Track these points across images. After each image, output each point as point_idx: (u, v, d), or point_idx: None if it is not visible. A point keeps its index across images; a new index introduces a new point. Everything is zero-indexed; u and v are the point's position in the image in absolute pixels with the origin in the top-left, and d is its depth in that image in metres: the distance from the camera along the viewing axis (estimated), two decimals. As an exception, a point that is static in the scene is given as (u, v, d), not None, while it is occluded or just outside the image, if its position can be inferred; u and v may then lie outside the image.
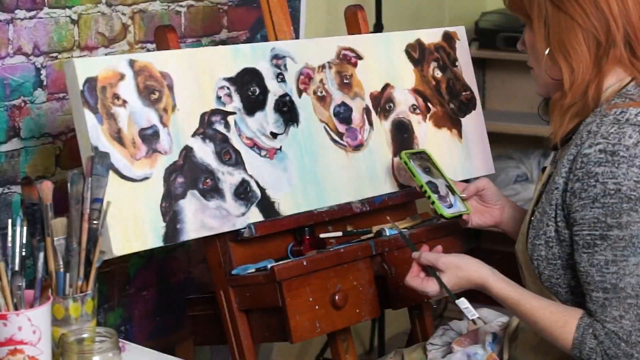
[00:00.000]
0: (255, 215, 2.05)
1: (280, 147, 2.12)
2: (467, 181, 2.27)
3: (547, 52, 1.83)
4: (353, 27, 2.35)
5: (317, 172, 2.15)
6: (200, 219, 1.97)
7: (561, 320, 1.77)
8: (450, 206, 2.06)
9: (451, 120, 2.41)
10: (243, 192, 2.04)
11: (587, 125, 1.79)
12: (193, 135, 2.01)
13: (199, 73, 2.04)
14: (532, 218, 1.87)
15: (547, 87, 1.89)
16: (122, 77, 1.94)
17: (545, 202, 1.83)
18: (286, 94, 2.15)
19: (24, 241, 1.66)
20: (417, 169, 2.11)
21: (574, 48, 1.80)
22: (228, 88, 2.07)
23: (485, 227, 2.13)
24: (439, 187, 2.09)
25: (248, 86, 2.10)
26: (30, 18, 2.16)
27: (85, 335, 1.65)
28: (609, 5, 1.80)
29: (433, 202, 2.05)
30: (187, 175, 1.98)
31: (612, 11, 1.80)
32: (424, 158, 2.16)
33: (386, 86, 2.32)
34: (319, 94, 2.20)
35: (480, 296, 1.97)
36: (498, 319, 2.09)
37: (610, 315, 1.72)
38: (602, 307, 1.72)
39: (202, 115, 2.03)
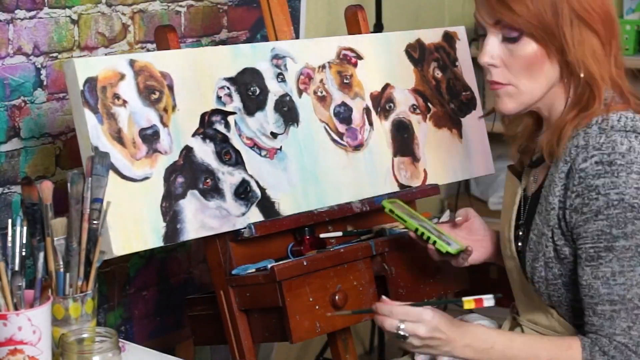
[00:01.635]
0: (255, 215, 2.05)
1: (281, 147, 2.12)
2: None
3: (582, 74, 1.75)
4: (353, 27, 2.35)
5: (317, 172, 2.15)
6: (200, 219, 1.97)
7: (564, 345, 1.73)
8: (449, 244, 1.96)
9: (451, 120, 2.41)
10: (243, 192, 2.04)
11: (571, 140, 1.74)
12: (193, 135, 2.01)
13: (199, 73, 2.04)
14: (529, 239, 1.83)
15: (525, 104, 1.81)
16: (122, 77, 1.94)
17: (541, 224, 1.79)
18: (286, 94, 2.15)
19: (24, 241, 1.66)
20: (404, 214, 2.00)
21: (603, 61, 1.76)
22: (228, 88, 2.07)
23: (480, 262, 2.04)
24: (429, 229, 1.99)
25: (248, 86, 2.10)
26: (30, 18, 2.16)
27: (85, 335, 1.65)
28: (610, 7, 1.78)
29: (435, 242, 1.94)
30: (187, 175, 1.98)
31: (614, 15, 1.79)
32: (401, 205, 2.05)
33: (386, 86, 2.32)
34: (319, 94, 2.20)
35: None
36: (478, 321, 2.07)
37: (619, 328, 1.68)
38: (610, 319, 1.69)
39: (202, 115, 2.03)
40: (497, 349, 1.75)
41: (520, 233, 1.88)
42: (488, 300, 1.70)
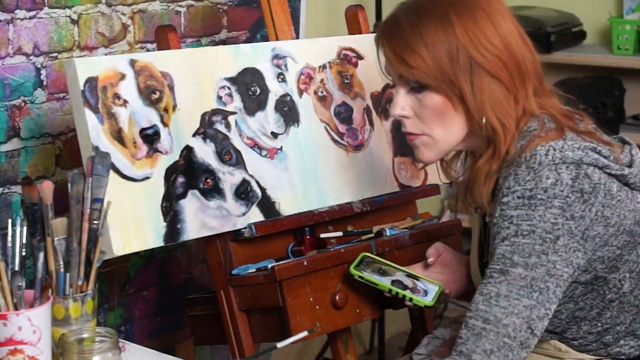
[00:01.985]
0: (255, 215, 2.05)
1: (281, 147, 2.12)
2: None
3: (484, 120, 1.72)
4: (353, 27, 2.35)
5: (318, 172, 2.15)
6: (200, 218, 1.97)
7: None
8: (426, 293, 1.93)
9: (451, 120, 2.40)
10: (244, 192, 2.04)
11: (505, 180, 1.71)
12: (194, 135, 2.01)
13: (200, 73, 2.04)
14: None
15: (443, 151, 1.80)
16: (122, 77, 1.94)
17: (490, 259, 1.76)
18: (287, 94, 2.15)
19: (24, 241, 1.66)
20: (374, 276, 1.94)
21: (504, 107, 1.72)
22: (229, 88, 2.07)
23: (461, 294, 2.00)
24: (403, 280, 1.95)
25: (249, 86, 2.10)
26: (30, 18, 2.16)
27: (85, 335, 1.64)
28: (516, 45, 1.72)
29: (411, 299, 1.91)
30: (188, 175, 1.98)
31: (522, 51, 1.73)
32: (369, 262, 1.98)
33: (387, 86, 2.31)
34: (319, 93, 2.20)
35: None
36: None
37: (481, 347, 1.65)
38: (477, 336, 1.65)
39: (203, 115, 2.03)
40: None
41: (485, 261, 1.86)
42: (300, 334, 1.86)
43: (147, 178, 1.93)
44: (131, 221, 1.88)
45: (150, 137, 1.94)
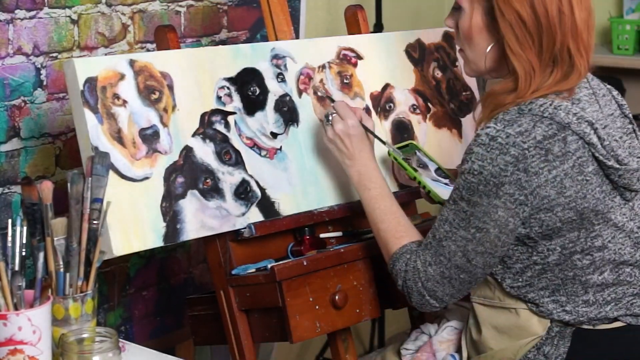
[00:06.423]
0: (255, 215, 2.05)
1: (281, 147, 2.12)
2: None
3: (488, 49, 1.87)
4: (353, 27, 2.35)
5: (317, 172, 2.15)
6: (200, 219, 1.97)
7: (400, 233, 1.94)
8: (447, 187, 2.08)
9: (451, 120, 2.41)
10: (243, 192, 2.04)
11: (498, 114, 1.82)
12: (193, 135, 2.01)
13: (199, 73, 2.04)
14: None
15: (480, 71, 1.92)
16: (122, 77, 1.94)
17: None
18: (286, 94, 2.15)
19: (24, 241, 1.66)
20: (406, 161, 2.12)
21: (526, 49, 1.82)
22: (228, 88, 2.07)
23: None
24: (432, 172, 2.11)
25: (248, 86, 2.10)
26: (30, 18, 2.16)
27: (85, 335, 1.65)
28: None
29: (429, 191, 2.07)
30: (187, 175, 1.98)
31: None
32: (412, 148, 2.16)
33: (386, 86, 2.32)
34: (319, 93, 2.20)
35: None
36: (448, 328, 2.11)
37: (424, 257, 1.86)
38: (426, 246, 1.87)
39: (202, 115, 2.03)
40: (371, 194, 1.99)
41: None
42: None
43: (147, 178, 1.93)
44: (131, 221, 1.88)
45: (149, 137, 1.95)
